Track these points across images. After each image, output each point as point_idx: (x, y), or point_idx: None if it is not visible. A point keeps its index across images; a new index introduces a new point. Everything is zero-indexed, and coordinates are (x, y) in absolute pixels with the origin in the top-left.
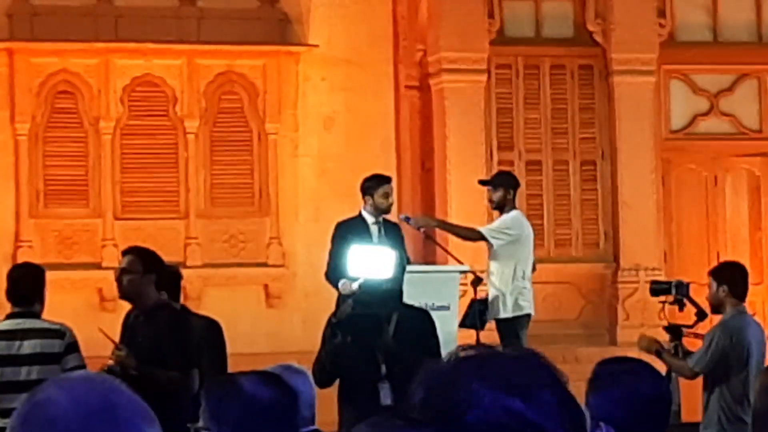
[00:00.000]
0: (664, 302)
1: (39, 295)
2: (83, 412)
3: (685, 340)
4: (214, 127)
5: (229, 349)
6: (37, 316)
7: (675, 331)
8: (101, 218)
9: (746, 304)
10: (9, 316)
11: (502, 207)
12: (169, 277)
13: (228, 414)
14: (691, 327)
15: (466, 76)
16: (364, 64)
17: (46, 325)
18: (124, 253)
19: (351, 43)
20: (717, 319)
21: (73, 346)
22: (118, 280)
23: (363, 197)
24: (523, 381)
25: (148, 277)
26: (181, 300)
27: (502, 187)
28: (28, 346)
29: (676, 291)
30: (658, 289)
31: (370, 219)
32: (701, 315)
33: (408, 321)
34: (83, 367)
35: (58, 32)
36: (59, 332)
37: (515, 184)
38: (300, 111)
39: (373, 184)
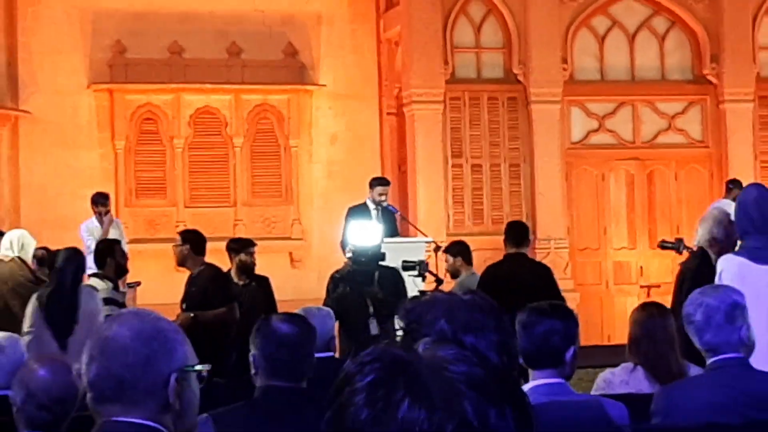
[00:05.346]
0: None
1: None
2: (145, 337)
3: None
4: (254, 142)
5: None
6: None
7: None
8: (175, 207)
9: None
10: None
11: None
12: (238, 247)
13: (264, 346)
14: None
15: (428, 106)
16: (358, 97)
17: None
18: (179, 234)
19: (349, 82)
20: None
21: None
22: (175, 253)
23: (369, 189)
24: (476, 324)
25: (192, 249)
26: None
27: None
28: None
29: (419, 268)
30: (407, 266)
31: (371, 205)
32: (438, 281)
33: (386, 276)
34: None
35: (145, 77)
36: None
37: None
38: (314, 131)
39: (374, 183)
